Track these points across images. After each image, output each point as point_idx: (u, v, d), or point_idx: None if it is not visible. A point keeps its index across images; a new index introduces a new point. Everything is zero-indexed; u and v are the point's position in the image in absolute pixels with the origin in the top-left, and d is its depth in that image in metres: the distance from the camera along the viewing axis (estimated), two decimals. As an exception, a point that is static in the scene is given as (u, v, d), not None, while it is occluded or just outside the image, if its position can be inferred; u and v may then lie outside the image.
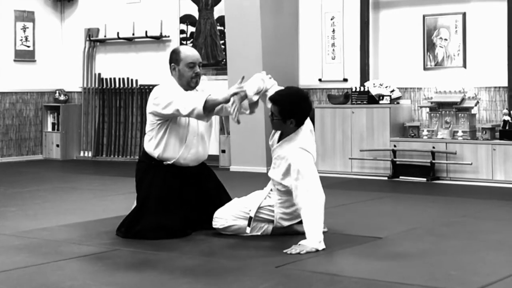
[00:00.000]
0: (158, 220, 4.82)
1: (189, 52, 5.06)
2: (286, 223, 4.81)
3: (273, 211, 4.80)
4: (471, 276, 3.92)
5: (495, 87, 8.12)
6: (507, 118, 7.72)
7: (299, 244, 4.39)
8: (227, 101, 4.73)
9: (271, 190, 4.84)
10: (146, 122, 5.09)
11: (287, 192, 4.70)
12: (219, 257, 4.31)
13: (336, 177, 8.27)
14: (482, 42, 8.18)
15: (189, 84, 5.00)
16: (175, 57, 5.06)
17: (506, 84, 7.96)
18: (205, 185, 5.10)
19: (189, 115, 4.77)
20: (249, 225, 4.80)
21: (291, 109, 4.64)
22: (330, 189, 6.85)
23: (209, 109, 4.77)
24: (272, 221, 4.83)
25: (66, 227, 5.33)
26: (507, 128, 7.70)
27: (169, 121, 4.94)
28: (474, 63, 8.22)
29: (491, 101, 8.14)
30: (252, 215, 4.80)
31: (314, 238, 4.38)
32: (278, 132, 4.83)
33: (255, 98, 4.84)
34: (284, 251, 4.36)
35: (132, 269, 4.10)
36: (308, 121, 4.79)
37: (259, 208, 4.80)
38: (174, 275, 3.93)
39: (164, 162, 4.96)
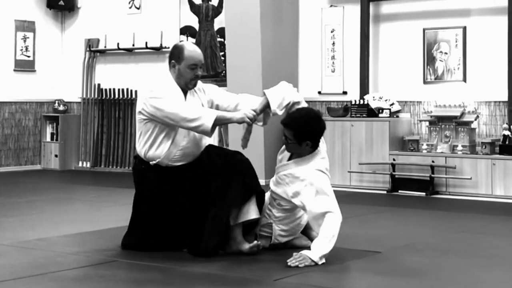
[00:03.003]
0: (142, 234, 4.76)
1: (192, 52, 4.72)
2: (284, 239, 4.77)
3: (271, 227, 4.75)
4: (470, 291, 3.91)
5: (495, 102, 8.12)
6: (507, 133, 7.70)
7: (300, 254, 4.34)
8: (240, 123, 4.57)
9: (269, 205, 4.78)
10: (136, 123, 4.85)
11: (289, 210, 4.66)
12: (217, 269, 4.28)
13: (334, 190, 8.15)
14: (482, 56, 8.19)
15: (187, 85, 4.74)
16: (177, 54, 4.73)
17: (506, 99, 7.96)
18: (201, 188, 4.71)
19: (192, 129, 4.58)
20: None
21: (305, 131, 4.53)
22: (329, 202, 6.82)
23: (216, 127, 4.59)
24: (269, 237, 4.78)
25: (64, 238, 5.30)
26: (507, 143, 7.69)
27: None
28: (474, 77, 8.22)
29: (491, 116, 8.13)
30: (257, 232, 4.76)
31: (317, 252, 4.34)
32: None
33: (280, 112, 4.65)
34: (287, 261, 4.32)
35: (129, 281, 4.07)
36: (323, 141, 4.72)
37: (261, 226, 4.76)
38: (173, 287, 3.92)
39: (151, 162, 4.72)
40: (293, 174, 4.58)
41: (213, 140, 9.59)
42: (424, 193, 7.93)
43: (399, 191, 8.12)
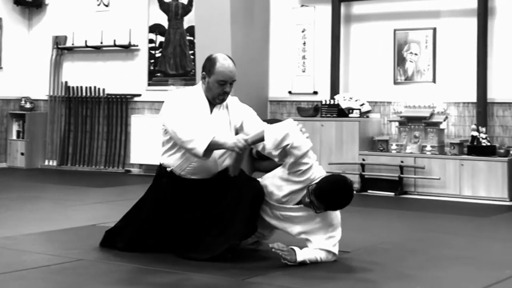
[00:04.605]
0: (141, 233, 4.65)
1: (224, 67, 4.58)
2: None
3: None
4: (440, 291, 3.91)
5: (464, 103, 8.16)
6: (475, 133, 7.74)
7: (289, 248, 4.34)
8: (231, 150, 4.43)
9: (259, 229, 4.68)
10: None
11: None
12: (187, 269, 4.23)
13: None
14: (451, 58, 8.23)
15: (214, 99, 4.63)
16: (208, 67, 4.61)
17: (475, 100, 8.00)
18: (217, 205, 4.57)
19: (187, 151, 4.48)
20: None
21: (337, 205, 4.39)
22: (299, 202, 6.79)
23: (211, 151, 4.45)
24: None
25: (30, 237, 5.22)
26: (475, 143, 7.73)
27: None
28: (443, 78, 8.26)
29: (460, 117, 8.17)
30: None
31: (304, 256, 4.35)
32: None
33: (275, 153, 4.36)
34: (274, 244, 4.32)
35: (95, 280, 4.01)
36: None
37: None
38: (139, 287, 3.86)
39: (167, 169, 4.66)
40: (306, 216, 4.47)
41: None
42: (393, 193, 7.94)
43: (369, 191, 8.12)
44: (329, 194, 4.30)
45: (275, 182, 4.49)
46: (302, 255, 4.34)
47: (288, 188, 4.45)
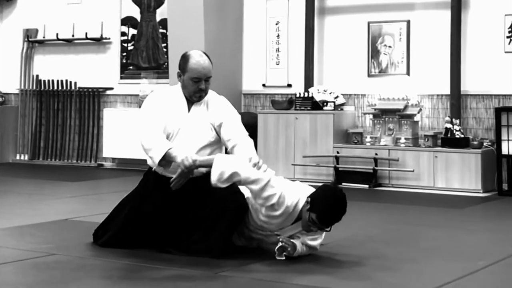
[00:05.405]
0: (125, 229, 4.58)
1: (197, 64, 4.51)
2: None
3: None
4: (411, 283, 3.92)
5: (437, 95, 8.18)
6: (449, 125, 7.77)
7: (292, 241, 4.35)
8: (178, 165, 4.31)
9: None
10: None
11: None
12: (160, 263, 4.20)
13: (278, 183, 8.19)
14: (425, 50, 8.25)
15: (191, 97, 4.57)
16: (182, 64, 4.56)
17: (448, 92, 8.03)
18: (197, 204, 4.50)
19: (149, 157, 4.47)
20: None
21: (341, 217, 4.37)
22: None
23: (169, 161, 4.38)
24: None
25: (1, 231, 5.15)
26: (449, 135, 7.76)
27: None
28: (417, 70, 8.28)
29: (434, 109, 8.20)
30: None
31: (297, 253, 4.36)
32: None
33: (222, 185, 4.25)
34: (282, 236, 4.32)
35: (68, 274, 3.97)
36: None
37: None
38: (111, 281, 3.84)
39: (153, 169, 4.60)
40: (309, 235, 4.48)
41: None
42: (367, 186, 7.95)
43: (343, 183, 8.11)
44: (334, 216, 4.32)
45: (260, 217, 4.40)
46: (297, 251, 4.36)
47: (275, 222, 4.39)
